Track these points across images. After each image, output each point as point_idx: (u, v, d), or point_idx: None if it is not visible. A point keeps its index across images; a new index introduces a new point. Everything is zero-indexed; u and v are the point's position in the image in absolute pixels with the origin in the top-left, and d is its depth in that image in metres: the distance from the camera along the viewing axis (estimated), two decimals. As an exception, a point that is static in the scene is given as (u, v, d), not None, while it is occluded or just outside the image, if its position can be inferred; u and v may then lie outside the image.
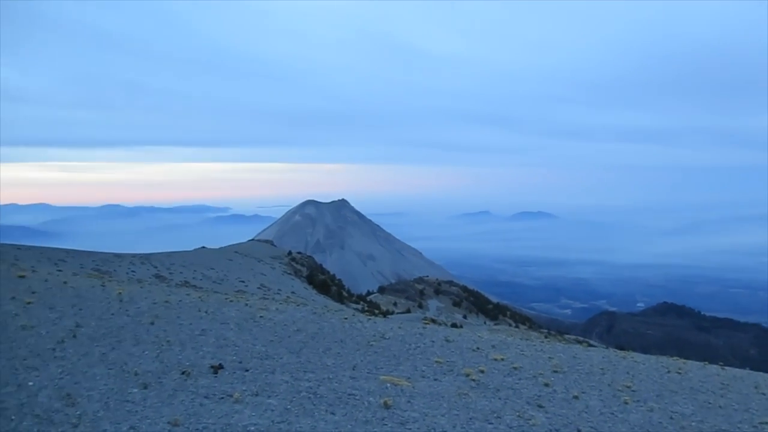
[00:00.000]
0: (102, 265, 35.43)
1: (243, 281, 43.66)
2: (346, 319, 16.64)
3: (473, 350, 13.76)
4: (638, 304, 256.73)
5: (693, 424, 9.44)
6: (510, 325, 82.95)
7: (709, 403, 11.23)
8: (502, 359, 12.86)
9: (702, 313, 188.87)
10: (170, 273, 39.72)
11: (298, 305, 20.86)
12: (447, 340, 14.70)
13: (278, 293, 41.49)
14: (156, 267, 40.34)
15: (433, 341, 14.35)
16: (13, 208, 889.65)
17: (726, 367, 17.29)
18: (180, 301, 16.10)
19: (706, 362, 18.11)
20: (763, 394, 12.95)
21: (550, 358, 13.96)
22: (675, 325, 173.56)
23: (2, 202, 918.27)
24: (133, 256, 43.82)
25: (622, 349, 78.47)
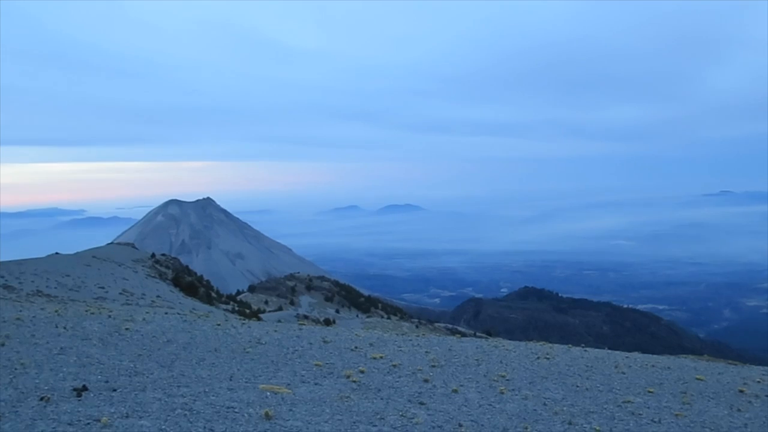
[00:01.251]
0: (-61, 278, 32.26)
1: (103, 287, 41.18)
2: (219, 325, 16.05)
3: (352, 350, 13.68)
4: (502, 290, 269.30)
5: (564, 408, 9.85)
6: (382, 317, 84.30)
7: (577, 386, 11.80)
8: (381, 357, 12.87)
9: (560, 295, 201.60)
10: (20, 282, 36.70)
11: (166, 313, 19.89)
12: (325, 341, 14.54)
13: (142, 298, 39.56)
14: (3, 276, 37.08)
15: (311, 343, 14.14)
16: None
17: (588, 349, 18.36)
18: (34, 317, 14.82)
19: (570, 345, 19.13)
20: (623, 373, 13.81)
21: (427, 352, 14.16)
22: (536, 308, 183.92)
23: None
24: (-25, 266, 40.19)
25: (489, 333, 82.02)
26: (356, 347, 14.07)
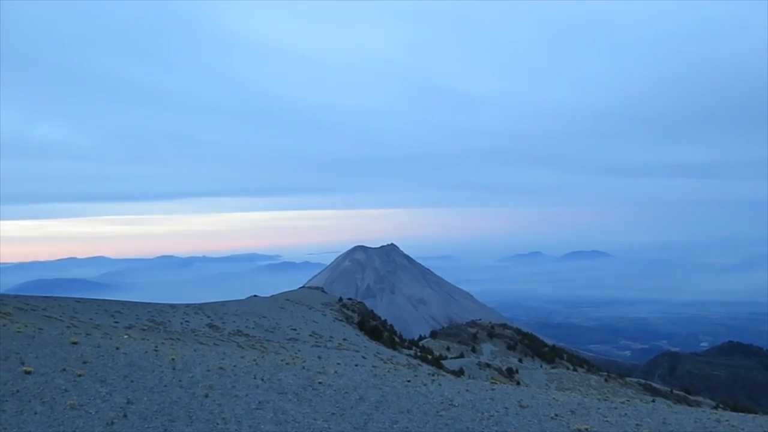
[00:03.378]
0: (157, 316, 35.63)
1: (294, 329, 43.28)
2: (408, 381, 15.60)
3: (552, 418, 12.55)
4: (702, 344, 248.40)
5: None
6: (567, 368, 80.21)
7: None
8: (587, 429, 11.64)
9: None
10: (223, 322, 39.69)
11: (356, 365, 19.91)
12: (521, 406, 13.53)
13: (330, 340, 41.01)
14: (209, 316, 40.37)
15: (506, 407, 13.20)
16: (72, 261, 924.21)
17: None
18: (234, 366, 15.32)
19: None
20: None
21: (637, 425, 12.64)
22: (742, 366, 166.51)
23: (62, 256, 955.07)
24: (187, 306, 44.12)
25: (688, 392, 74.60)
26: (556, 415, 12.91)
